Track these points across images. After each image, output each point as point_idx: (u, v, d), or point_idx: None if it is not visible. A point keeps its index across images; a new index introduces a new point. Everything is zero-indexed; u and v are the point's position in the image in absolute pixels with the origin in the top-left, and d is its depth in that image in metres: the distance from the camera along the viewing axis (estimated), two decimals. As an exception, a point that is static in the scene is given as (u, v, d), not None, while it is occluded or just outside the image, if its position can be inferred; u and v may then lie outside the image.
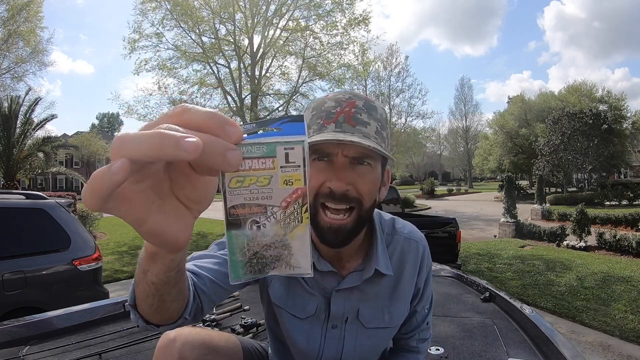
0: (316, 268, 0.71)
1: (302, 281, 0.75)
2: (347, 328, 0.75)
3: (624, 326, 3.83)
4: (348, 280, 0.73)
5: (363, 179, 0.63)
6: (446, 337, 1.34)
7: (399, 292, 0.77)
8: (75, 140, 31.80)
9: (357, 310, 0.74)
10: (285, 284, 0.75)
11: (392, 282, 0.76)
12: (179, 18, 10.25)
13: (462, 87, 41.19)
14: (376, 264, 0.72)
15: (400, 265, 0.77)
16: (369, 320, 0.75)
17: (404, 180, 48.51)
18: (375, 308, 0.75)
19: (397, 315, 0.77)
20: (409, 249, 0.78)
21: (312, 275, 0.35)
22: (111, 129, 60.36)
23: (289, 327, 0.75)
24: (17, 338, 1.24)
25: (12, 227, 2.82)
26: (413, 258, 0.78)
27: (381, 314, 0.76)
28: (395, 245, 0.78)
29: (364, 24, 10.99)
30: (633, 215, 10.03)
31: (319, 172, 0.63)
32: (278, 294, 0.75)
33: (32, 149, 11.02)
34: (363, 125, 0.63)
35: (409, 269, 0.78)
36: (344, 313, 0.74)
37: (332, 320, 0.74)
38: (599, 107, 23.75)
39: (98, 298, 2.74)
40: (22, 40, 13.94)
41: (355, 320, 0.75)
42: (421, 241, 0.81)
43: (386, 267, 0.74)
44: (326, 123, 0.63)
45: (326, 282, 0.74)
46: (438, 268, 2.23)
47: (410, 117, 20.27)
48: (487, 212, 16.53)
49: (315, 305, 0.74)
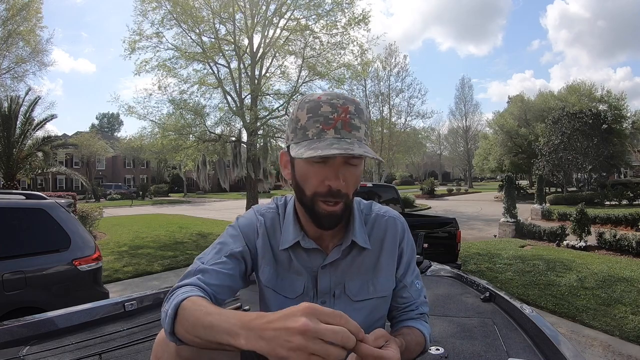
0: (302, 246, 0.79)
1: (289, 263, 0.81)
2: (336, 302, 0.80)
3: (624, 326, 3.83)
4: (331, 256, 0.80)
5: (354, 175, 0.73)
6: (446, 337, 1.34)
7: (381, 264, 0.83)
8: (75, 141, 31.81)
9: (343, 285, 0.81)
10: (274, 267, 0.82)
11: (374, 256, 0.83)
12: (179, 18, 10.25)
13: (462, 87, 41.24)
14: (353, 236, 0.80)
15: (380, 240, 0.84)
16: (355, 294, 0.81)
17: (404, 180, 48.50)
18: (361, 281, 0.81)
19: (381, 286, 0.83)
20: (386, 225, 0.85)
21: None
22: (111, 129, 60.37)
23: (281, 308, 0.74)
24: (17, 338, 1.24)
25: (12, 227, 2.82)
26: (392, 233, 0.85)
27: (366, 286, 0.81)
28: (373, 222, 0.85)
29: (363, 23, 10.99)
30: (633, 215, 10.04)
31: (318, 172, 0.71)
32: (268, 277, 0.81)
33: (32, 149, 11.01)
34: (356, 130, 0.70)
35: (388, 243, 0.84)
36: (331, 288, 0.80)
37: (320, 296, 0.80)
38: (598, 107, 23.75)
39: (98, 298, 2.73)
40: (22, 40, 13.94)
41: (343, 295, 0.81)
42: (398, 218, 0.88)
43: (363, 240, 0.81)
44: (325, 128, 0.69)
45: (312, 260, 0.80)
46: (438, 268, 2.22)
47: (410, 116, 20.26)
48: (487, 212, 16.54)
49: (302, 284, 0.80)
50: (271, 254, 0.82)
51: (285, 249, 0.80)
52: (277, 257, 0.82)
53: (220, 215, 16.64)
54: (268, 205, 0.87)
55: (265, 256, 0.82)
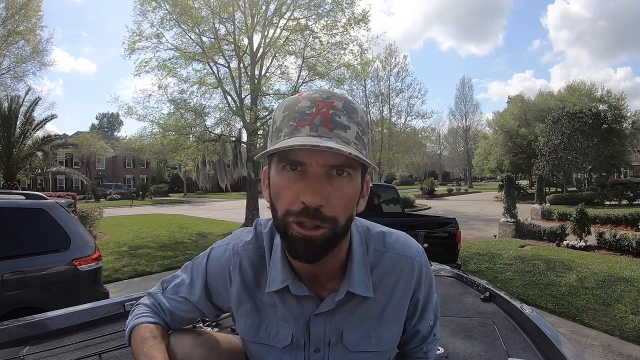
0: (291, 292, 0.65)
1: (274, 309, 0.69)
2: (332, 352, 0.68)
3: (624, 326, 3.83)
4: (324, 305, 0.66)
5: (340, 192, 0.56)
6: (446, 337, 1.34)
7: (388, 314, 0.70)
8: (75, 141, 31.84)
9: (340, 333, 0.68)
10: (252, 317, 0.70)
11: (381, 304, 0.69)
12: (178, 18, 10.25)
13: (462, 87, 41.26)
14: (348, 286, 0.64)
15: (391, 285, 0.69)
16: (354, 344, 0.68)
17: (404, 180, 48.50)
18: (362, 331, 0.69)
19: (385, 339, 0.70)
20: (401, 267, 0.70)
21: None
22: (111, 129, 60.38)
23: (270, 357, 0.70)
24: (17, 338, 1.24)
25: (12, 227, 2.82)
26: (407, 277, 0.70)
27: (368, 337, 0.69)
28: (385, 263, 0.69)
29: (363, 22, 10.99)
30: (633, 215, 10.03)
31: (290, 184, 0.55)
32: (246, 329, 0.70)
33: (32, 149, 11.02)
34: (342, 129, 0.56)
35: (400, 289, 0.70)
36: (326, 337, 0.68)
37: (313, 344, 0.68)
38: (598, 107, 23.75)
39: (98, 298, 2.73)
40: (22, 40, 13.94)
41: (340, 344, 0.68)
42: (416, 257, 0.71)
43: (364, 289, 0.65)
44: (300, 126, 0.55)
45: (304, 307, 0.67)
46: (438, 268, 2.22)
47: (409, 116, 20.28)
48: (487, 212, 16.54)
49: (289, 334, 0.68)
50: (251, 302, 0.69)
51: (271, 292, 0.67)
52: (258, 305, 0.69)
53: (220, 215, 16.63)
54: (246, 240, 0.71)
55: (241, 306, 0.70)
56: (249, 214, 11.96)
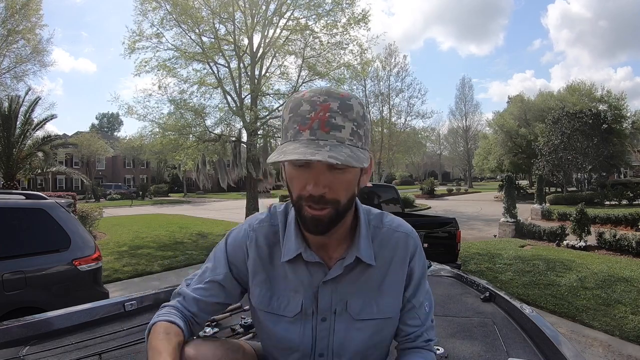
0: (304, 259, 0.74)
1: (285, 279, 0.77)
2: (337, 320, 0.76)
3: (624, 326, 3.84)
4: (333, 271, 0.75)
5: (340, 179, 0.66)
6: (446, 337, 1.34)
7: (387, 283, 0.78)
8: (75, 140, 31.84)
9: (345, 302, 0.76)
10: (265, 287, 0.78)
11: (380, 274, 0.78)
12: (178, 18, 10.24)
13: (462, 87, 41.26)
14: (357, 252, 0.74)
15: (388, 257, 0.78)
16: (358, 312, 0.76)
17: (404, 180, 48.50)
18: (364, 300, 0.77)
19: (386, 307, 0.78)
20: (397, 242, 0.79)
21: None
22: (111, 129, 60.37)
23: (279, 328, 0.76)
24: (17, 338, 1.24)
25: (12, 227, 2.82)
26: (402, 250, 0.79)
27: (370, 305, 0.77)
28: (382, 237, 0.79)
29: (363, 22, 10.99)
30: (633, 215, 10.04)
31: (300, 176, 0.66)
32: (259, 299, 0.78)
33: (32, 149, 11.02)
34: (337, 130, 0.64)
35: (397, 261, 0.79)
36: (332, 305, 0.76)
37: (321, 313, 0.76)
38: (598, 107, 23.76)
39: (98, 298, 2.73)
40: (22, 39, 13.95)
41: (345, 312, 0.76)
42: (411, 233, 0.81)
43: (368, 256, 0.75)
44: (301, 129, 0.64)
45: (313, 274, 0.75)
46: (438, 268, 2.22)
47: (409, 116, 20.29)
48: (487, 212, 16.54)
49: (299, 303, 0.75)
50: (264, 274, 0.78)
51: (282, 264, 0.76)
52: (271, 275, 0.78)
53: (220, 215, 16.64)
54: (262, 218, 0.81)
55: (256, 277, 0.78)
56: (249, 213, 11.95)
